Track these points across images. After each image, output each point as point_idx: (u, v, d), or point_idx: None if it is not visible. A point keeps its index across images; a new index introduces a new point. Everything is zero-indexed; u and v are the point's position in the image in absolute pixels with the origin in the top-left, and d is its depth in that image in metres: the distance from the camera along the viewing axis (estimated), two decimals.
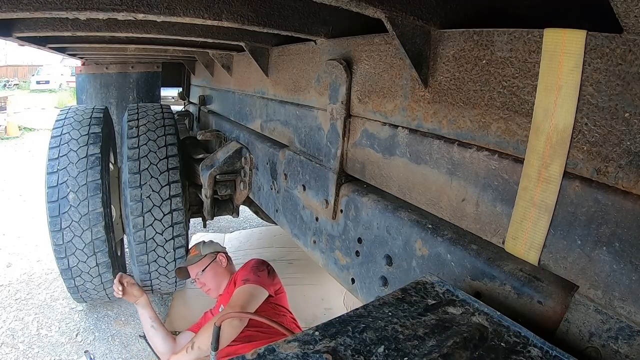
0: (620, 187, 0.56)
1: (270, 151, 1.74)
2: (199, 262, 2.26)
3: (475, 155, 0.78)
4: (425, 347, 0.56)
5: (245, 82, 2.18)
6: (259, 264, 2.19)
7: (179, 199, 2.24)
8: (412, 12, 0.79)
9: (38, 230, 4.01)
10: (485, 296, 0.75)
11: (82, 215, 2.14)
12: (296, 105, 1.53)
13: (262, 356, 0.53)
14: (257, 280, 2.00)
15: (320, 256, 1.36)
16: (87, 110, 2.47)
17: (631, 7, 0.48)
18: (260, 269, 2.13)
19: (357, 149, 1.15)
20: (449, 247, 0.83)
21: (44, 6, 0.86)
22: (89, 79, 3.84)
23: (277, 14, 1.14)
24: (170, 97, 4.96)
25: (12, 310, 2.90)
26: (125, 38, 1.84)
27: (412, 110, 0.94)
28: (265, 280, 2.06)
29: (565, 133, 0.61)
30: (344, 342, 0.56)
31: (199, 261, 2.25)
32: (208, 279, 2.23)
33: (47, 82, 21.72)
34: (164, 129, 2.35)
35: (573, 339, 0.61)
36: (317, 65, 1.37)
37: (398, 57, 0.97)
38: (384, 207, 1.03)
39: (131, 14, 0.95)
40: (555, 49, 0.60)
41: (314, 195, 1.34)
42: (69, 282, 2.31)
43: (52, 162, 2.18)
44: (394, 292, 0.70)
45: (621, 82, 0.54)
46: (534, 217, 0.66)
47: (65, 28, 1.31)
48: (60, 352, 2.51)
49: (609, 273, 0.57)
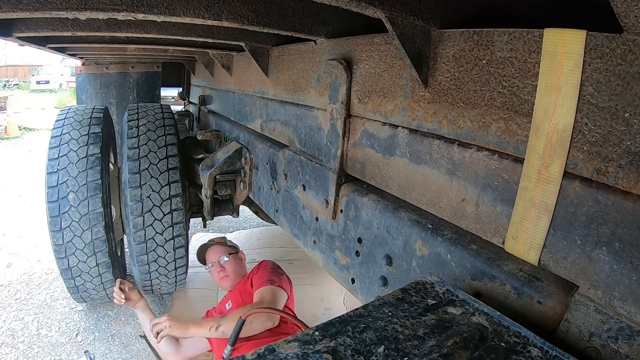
0: (620, 187, 0.56)
1: (270, 151, 1.74)
2: (226, 248, 2.36)
3: (475, 155, 0.78)
4: (425, 347, 0.56)
5: (245, 82, 2.18)
6: (275, 266, 2.23)
7: (179, 199, 2.23)
8: (412, 12, 0.79)
9: (38, 230, 4.01)
10: (485, 296, 0.75)
11: (82, 215, 2.14)
12: (296, 105, 1.53)
13: (262, 356, 0.53)
14: (280, 283, 2.05)
15: (320, 256, 1.36)
16: (87, 110, 2.47)
17: (631, 7, 0.48)
18: (280, 272, 2.18)
19: (357, 149, 1.15)
20: (449, 247, 0.83)
21: (44, 6, 0.86)
22: (89, 79, 3.84)
23: (277, 14, 1.14)
24: (170, 97, 4.96)
25: (12, 310, 2.90)
26: (125, 38, 1.84)
27: (412, 110, 0.94)
28: (286, 283, 2.13)
29: (565, 133, 0.61)
30: (344, 342, 0.56)
31: (226, 247, 2.35)
32: (230, 266, 2.30)
33: (47, 82, 21.72)
34: (164, 129, 2.35)
35: (573, 339, 0.61)
36: (317, 65, 1.37)
37: (398, 57, 0.97)
38: (384, 207, 1.03)
39: (131, 14, 0.95)
40: (555, 49, 0.60)
41: (314, 195, 1.34)
42: (69, 282, 2.31)
43: (52, 162, 2.18)
44: (394, 292, 0.70)
45: (621, 82, 0.54)
46: (534, 217, 0.66)
47: (65, 28, 1.31)
48: (60, 352, 2.51)
49: (609, 273, 0.57)
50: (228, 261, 2.31)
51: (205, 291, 3.16)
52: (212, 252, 2.37)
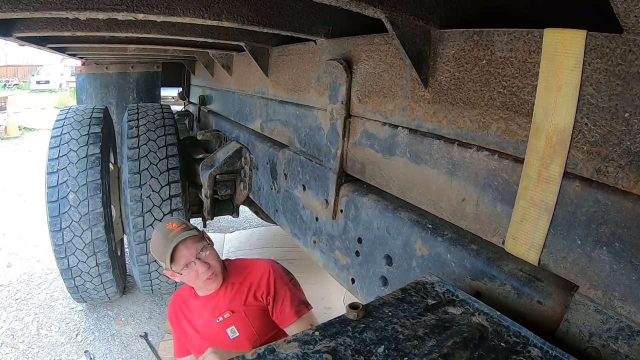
0: (620, 187, 0.56)
1: (270, 151, 1.74)
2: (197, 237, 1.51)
3: (475, 155, 0.78)
4: (425, 347, 0.56)
5: (245, 82, 2.18)
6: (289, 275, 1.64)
7: (179, 199, 2.24)
8: (412, 12, 0.79)
9: (38, 230, 4.01)
10: (485, 296, 0.75)
11: (82, 215, 2.14)
12: (296, 105, 1.53)
13: (262, 356, 0.53)
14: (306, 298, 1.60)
15: (320, 256, 1.35)
16: (87, 110, 2.48)
17: (631, 7, 0.47)
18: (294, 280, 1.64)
19: (357, 149, 1.15)
20: (449, 247, 0.83)
21: (44, 6, 0.86)
22: (89, 79, 3.84)
23: (277, 14, 1.14)
24: (170, 97, 4.96)
25: (12, 310, 2.90)
26: (125, 38, 1.84)
27: (412, 110, 0.94)
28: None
29: (565, 133, 0.61)
30: (344, 342, 0.56)
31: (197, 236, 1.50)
32: (213, 260, 1.54)
33: (47, 82, 21.71)
34: (164, 129, 2.35)
35: (573, 339, 0.61)
36: (317, 65, 1.36)
37: (398, 57, 0.96)
38: (384, 207, 1.03)
39: (131, 14, 0.95)
40: (555, 49, 0.60)
41: (314, 195, 1.34)
42: (69, 282, 2.32)
43: (52, 162, 2.18)
44: (394, 292, 0.70)
45: (621, 82, 0.54)
46: (534, 217, 0.66)
47: (65, 28, 1.31)
48: (60, 352, 2.51)
49: (609, 273, 0.57)
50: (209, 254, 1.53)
51: None
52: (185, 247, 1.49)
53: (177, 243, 1.46)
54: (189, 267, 1.50)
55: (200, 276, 1.51)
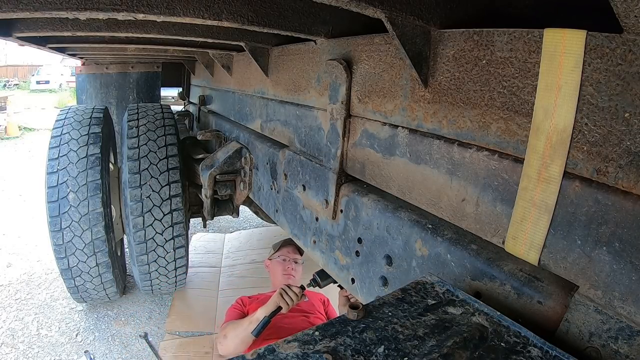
0: (620, 187, 0.56)
1: (270, 151, 1.74)
2: (299, 256, 2.39)
3: (475, 155, 0.78)
4: (425, 347, 0.56)
5: (245, 82, 2.18)
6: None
7: (179, 199, 2.24)
8: (412, 12, 0.79)
9: (38, 230, 4.01)
10: (485, 296, 0.75)
11: (82, 215, 2.14)
12: (296, 105, 1.53)
13: (262, 356, 0.53)
14: None
15: (320, 256, 1.36)
16: (87, 110, 2.47)
17: (631, 7, 0.47)
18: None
19: (357, 149, 1.15)
20: (449, 247, 0.83)
21: (44, 6, 0.86)
22: (89, 79, 3.84)
23: (277, 14, 1.14)
24: (170, 97, 4.96)
25: (12, 310, 2.90)
26: (125, 38, 1.84)
27: (412, 110, 0.94)
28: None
29: (565, 133, 0.61)
30: (344, 342, 0.56)
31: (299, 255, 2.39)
32: (298, 272, 2.34)
33: (47, 82, 21.71)
34: (164, 129, 2.35)
35: (573, 339, 0.61)
36: (317, 65, 1.36)
37: (398, 57, 0.97)
38: (384, 207, 1.03)
39: (131, 14, 0.95)
40: (555, 49, 0.60)
41: (314, 195, 1.34)
42: (69, 282, 2.32)
43: (52, 162, 2.18)
44: (394, 292, 0.70)
45: (621, 82, 0.54)
46: (534, 217, 0.66)
47: (65, 28, 1.31)
48: (60, 352, 2.51)
49: (609, 273, 0.57)
50: (300, 265, 2.35)
51: (205, 291, 3.17)
52: (293, 249, 2.39)
53: (291, 242, 2.32)
54: (287, 260, 2.32)
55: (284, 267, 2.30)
